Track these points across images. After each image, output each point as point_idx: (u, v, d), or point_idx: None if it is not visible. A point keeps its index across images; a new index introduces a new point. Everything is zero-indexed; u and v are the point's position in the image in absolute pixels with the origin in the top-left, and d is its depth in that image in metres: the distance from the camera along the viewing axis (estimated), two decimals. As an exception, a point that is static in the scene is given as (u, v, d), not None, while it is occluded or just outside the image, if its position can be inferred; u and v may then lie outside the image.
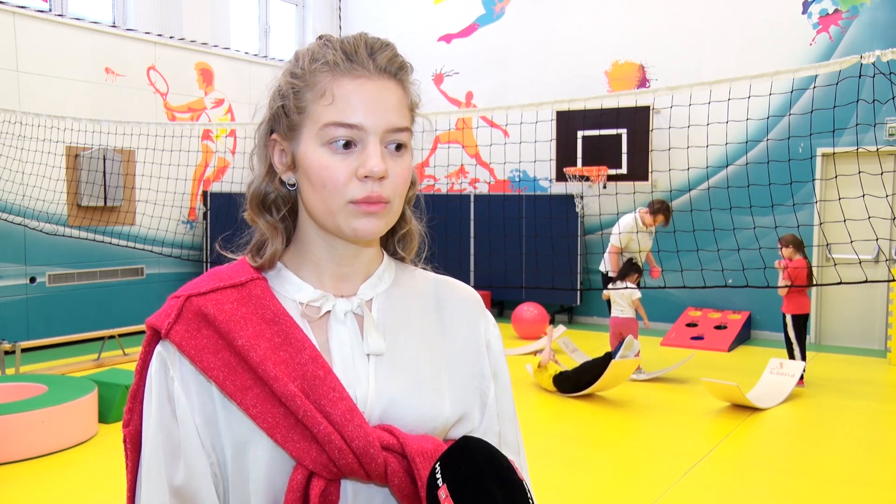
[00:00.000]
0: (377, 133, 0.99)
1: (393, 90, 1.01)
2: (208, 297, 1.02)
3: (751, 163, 7.16)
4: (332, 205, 0.99)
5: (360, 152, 0.99)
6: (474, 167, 9.86)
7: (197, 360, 0.99)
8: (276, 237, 1.06)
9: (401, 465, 0.97)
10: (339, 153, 0.98)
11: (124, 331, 7.14)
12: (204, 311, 1.01)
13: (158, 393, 1.00)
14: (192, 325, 1.00)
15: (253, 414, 0.96)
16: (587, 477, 4.41)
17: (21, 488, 4.15)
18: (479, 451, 0.96)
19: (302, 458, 0.95)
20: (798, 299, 6.41)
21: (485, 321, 1.16)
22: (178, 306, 1.02)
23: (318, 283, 1.06)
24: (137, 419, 1.04)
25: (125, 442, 1.05)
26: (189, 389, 1.00)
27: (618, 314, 6.72)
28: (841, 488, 4.18)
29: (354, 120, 0.98)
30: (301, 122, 1.01)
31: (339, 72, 0.99)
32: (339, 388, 0.98)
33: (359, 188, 0.98)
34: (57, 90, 7.95)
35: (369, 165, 0.97)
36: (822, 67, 5.59)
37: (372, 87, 0.99)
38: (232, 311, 1.01)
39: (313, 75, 1.00)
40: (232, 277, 1.05)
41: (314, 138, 0.99)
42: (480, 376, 1.12)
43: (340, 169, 0.98)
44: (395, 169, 1.00)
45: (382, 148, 0.99)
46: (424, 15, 10.42)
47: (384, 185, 0.99)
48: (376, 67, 1.00)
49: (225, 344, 0.99)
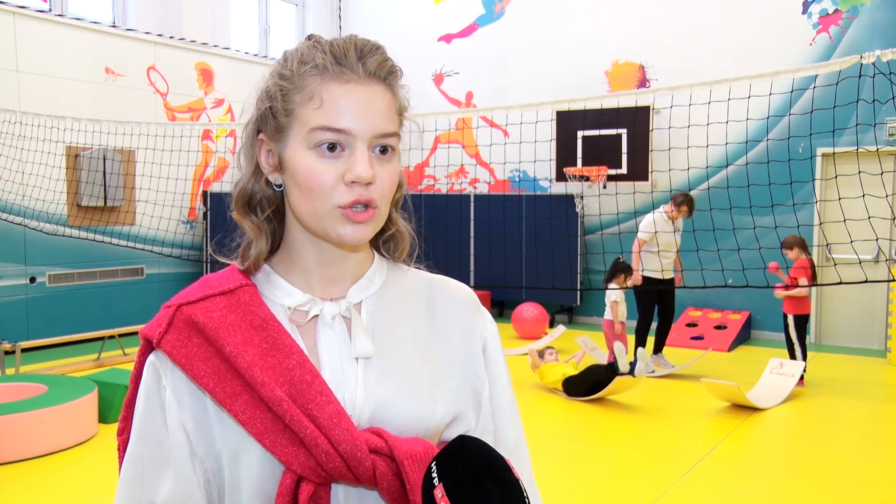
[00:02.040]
0: (365, 138, 0.98)
1: (382, 95, 1.01)
2: (198, 306, 1.02)
3: (751, 163, 7.16)
4: (319, 209, 0.99)
5: (347, 157, 0.98)
6: (474, 167, 9.86)
7: (188, 368, 0.99)
8: (260, 238, 1.06)
9: (389, 468, 0.97)
10: (326, 157, 0.98)
11: (124, 331, 7.14)
12: (194, 320, 1.01)
13: (148, 402, 1.01)
14: (182, 334, 1.01)
15: (242, 420, 0.97)
16: (587, 477, 4.41)
17: (21, 488, 4.15)
18: (475, 450, 0.96)
19: (290, 463, 0.95)
20: (800, 300, 6.41)
21: (481, 319, 1.15)
22: (170, 315, 1.02)
23: (308, 286, 1.06)
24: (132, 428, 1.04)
25: (119, 450, 1.06)
26: (181, 398, 1.00)
27: (606, 316, 6.79)
28: (841, 488, 4.18)
29: (342, 125, 0.97)
30: (289, 125, 1.00)
31: (328, 75, 0.99)
32: (327, 392, 0.98)
33: (346, 193, 0.98)
34: (57, 90, 7.95)
35: (356, 171, 0.97)
36: (822, 67, 5.59)
37: (361, 91, 0.99)
38: (221, 318, 1.01)
39: (302, 78, 1.00)
40: (221, 285, 1.05)
41: (301, 141, 0.99)
42: (474, 376, 1.11)
43: (327, 173, 0.98)
44: (382, 173, 1.00)
45: (370, 152, 0.99)
46: (424, 15, 10.42)
47: (371, 190, 0.99)
48: (366, 72, 1.00)
49: (214, 351, 1.00)
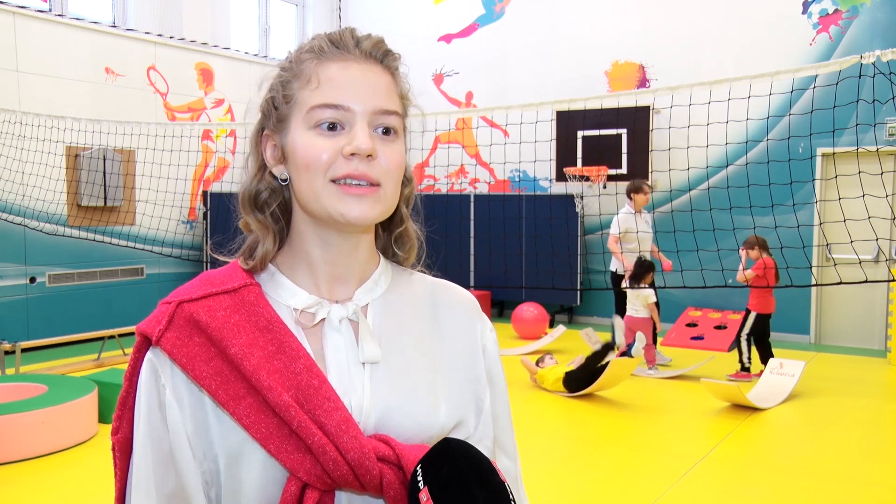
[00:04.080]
0: (364, 114, 0.98)
1: (380, 74, 1.01)
2: (200, 304, 0.99)
3: (751, 163, 7.15)
4: (316, 184, 0.97)
5: (347, 133, 0.98)
6: (474, 167, 9.86)
7: (189, 368, 0.96)
8: (267, 236, 1.04)
9: (396, 477, 0.95)
10: (324, 134, 0.98)
11: (124, 331, 7.13)
12: (196, 318, 0.98)
13: (149, 401, 0.98)
14: (183, 332, 0.98)
15: (246, 424, 0.94)
16: (587, 477, 4.41)
17: (21, 488, 4.15)
18: (460, 453, 0.94)
19: (296, 470, 0.94)
20: (767, 298, 6.53)
21: (481, 325, 1.14)
22: (170, 312, 0.99)
23: (313, 286, 1.04)
24: (127, 427, 1.01)
25: (114, 450, 1.03)
26: (181, 398, 0.97)
27: (632, 314, 6.79)
28: (841, 488, 4.18)
29: (340, 101, 0.97)
30: (289, 112, 1.00)
31: (325, 57, 0.99)
32: (334, 398, 0.96)
33: (342, 165, 0.97)
34: (57, 90, 7.95)
35: (355, 143, 0.96)
36: (822, 67, 5.59)
37: (358, 68, 0.99)
38: (225, 318, 0.99)
39: (300, 64, 1.00)
40: (224, 283, 1.02)
41: (302, 123, 0.99)
42: (476, 381, 1.10)
43: (325, 149, 0.97)
44: (384, 151, 0.99)
45: (371, 131, 0.98)
46: (424, 15, 10.42)
47: (373, 166, 0.98)
48: (362, 52, 1.00)
49: (217, 352, 0.97)
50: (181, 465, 0.97)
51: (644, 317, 6.72)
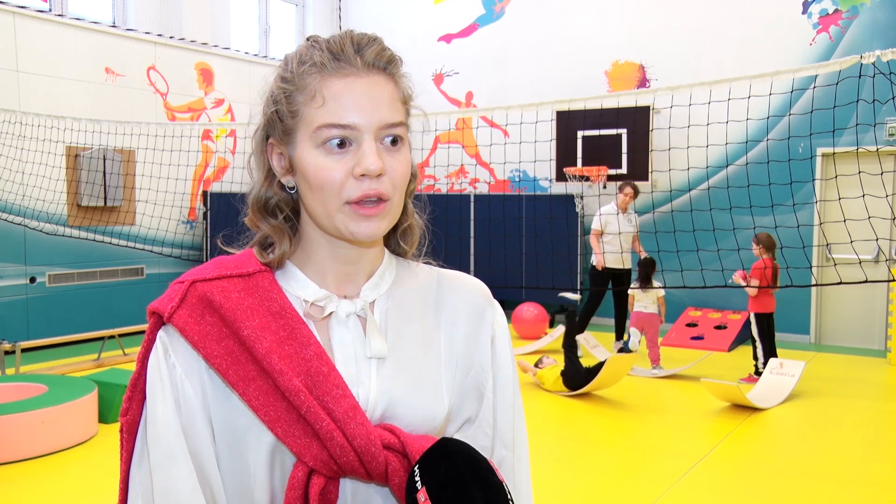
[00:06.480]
0: (371, 131, 0.97)
1: (384, 85, 1.00)
2: (214, 284, 1.01)
3: (751, 163, 7.15)
4: (330, 206, 0.98)
5: (355, 151, 0.98)
6: (474, 167, 9.86)
7: (200, 346, 0.97)
8: (283, 239, 1.05)
9: (402, 465, 0.97)
10: (334, 153, 0.98)
11: (124, 331, 7.14)
12: (209, 298, 0.99)
13: (160, 378, 0.98)
14: (195, 311, 0.99)
15: (255, 406, 0.95)
16: (587, 477, 4.41)
17: (21, 488, 4.15)
18: (458, 453, 0.95)
19: (303, 455, 0.95)
20: (760, 299, 6.53)
21: (491, 312, 1.16)
22: (183, 291, 1.00)
23: (322, 282, 1.06)
24: (136, 408, 1.01)
25: (122, 431, 1.03)
26: (192, 376, 0.98)
27: (640, 310, 6.89)
28: (841, 488, 4.18)
29: (347, 120, 0.97)
30: (295, 126, 1.00)
31: (328, 72, 0.98)
32: (343, 386, 0.98)
33: (355, 187, 0.97)
34: (57, 90, 7.95)
35: (365, 164, 0.96)
36: (822, 67, 5.59)
37: (362, 84, 0.98)
38: (238, 300, 1.00)
39: (302, 78, 0.99)
40: (238, 267, 1.04)
41: (309, 141, 0.99)
42: (479, 369, 1.11)
43: (336, 169, 0.97)
44: (392, 164, 0.99)
45: (378, 144, 0.98)
46: (424, 15, 10.42)
47: (382, 182, 0.98)
48: (364, 64, 0.99)
49: (229, 332, 0.98)
50: (194, 442, 0.97)
51: (652, 312, 6.81)
